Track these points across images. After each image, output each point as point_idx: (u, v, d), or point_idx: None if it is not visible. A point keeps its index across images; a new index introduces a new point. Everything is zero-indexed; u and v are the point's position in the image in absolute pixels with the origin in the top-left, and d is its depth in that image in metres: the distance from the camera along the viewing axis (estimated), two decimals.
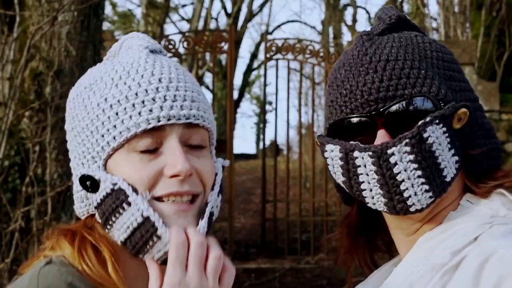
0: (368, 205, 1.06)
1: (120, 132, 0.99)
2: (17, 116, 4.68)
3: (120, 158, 1.01)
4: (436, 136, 0.99)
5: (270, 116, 42.11)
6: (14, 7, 4.53)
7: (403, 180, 0.99)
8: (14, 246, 4.39)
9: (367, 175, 1.02)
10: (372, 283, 1.19)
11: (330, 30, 18.37)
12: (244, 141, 60.56)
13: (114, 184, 0.99)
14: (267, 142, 15.47)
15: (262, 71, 18.75)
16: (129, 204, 0.98)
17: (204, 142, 1.06)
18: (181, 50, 7.82)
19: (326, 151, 1.08)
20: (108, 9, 19.67)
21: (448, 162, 1.01)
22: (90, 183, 1.01)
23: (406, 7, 14.59)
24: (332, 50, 9.54)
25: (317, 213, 8.96)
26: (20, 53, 4.67)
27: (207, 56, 14.99)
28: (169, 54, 7.78)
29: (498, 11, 8.14)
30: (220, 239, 8.63)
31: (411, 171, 0.99)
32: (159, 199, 1.00)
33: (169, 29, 39.75)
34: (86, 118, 1.03)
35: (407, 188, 1.00)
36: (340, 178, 1.08)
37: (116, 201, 0.99)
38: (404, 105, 1.01)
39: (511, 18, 8.14)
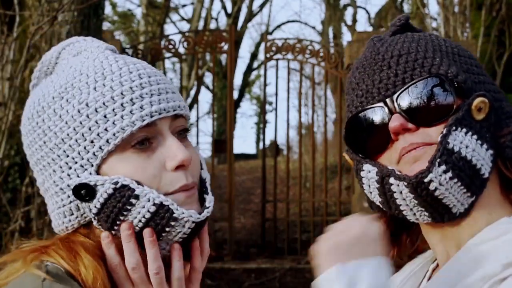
0: (410, 220, 1.05)
1: (114, 134, 0.98)
2: (17, 116, 4.67)
3: (116, 161, 0.99)
4: (459, 141, 0.97)
5: (270, 116, 42.08)
6: (14, 7, 4.53)
7: (445, 197, 0.99)
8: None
9: (404, 199, 1.01)
10: (408, 280, 1.16)
11: (330, 30, 18.37)
12: (244, 141, 60.56)
13: (116, 183, 0.97)
14: (267, 142, 15.46)
15: (262, 71, 18.74)
16: (136, 197, 0.97)
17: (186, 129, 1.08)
18: (181, 50, 7.83)
19: (363, 170, 1.06)
20: (108, 9, 19.68)
21: (484, 159, 0.99)
22: (85, 192, 0.98)
23: (406, 7, 14.59)
24: (332, 50, 9.54)
25: (317, 213, 8.95)
26: (20, 53, 4.67)
27: (207, 56, 14.99)
28: (169, 54, 7.82)
29: (498, 11, 8.14)
30: (220, 239, 8.66)
31: (452, 187, 0.98)
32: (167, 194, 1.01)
33: (169, 29, 39.71)
34: (65, 128, 1.00)
35: (450, 200, 0.99)
36: (376, 198, 1.07)
37: (122, 199, 0.97)
38: (416, 87, 1.00)
39: (511, 18, 8.14)
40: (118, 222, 0.99)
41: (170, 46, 7.68)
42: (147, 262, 1.00)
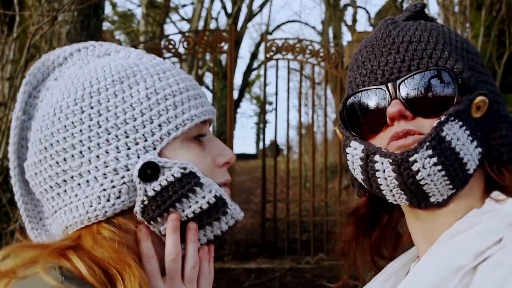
0: (389, 201, 1.06)
1: (183, 121, 1.02)
2: None
3: (178, 148, 1.03)
4: (453, 132, 0.98)
5: (270, 116, 42.17)
6: (14, 7, 4.53)
7: (426, 183, 0.99)
8: None
9: (385, 179, 1.01)
10: (389, 279, 1.16)
11: (330, 30, 18.38)
12: (244, 141, 60.62)
13: (184, 169, 1.00)
14: (267, 142, 15.47)
15: (262, 71, 18.76)
16: (201, 186, 1.00)
17: None
18: (181, 50, 7.84)
19: (349, 147, 1.07)
20: (108, 9, 19.69)
21: (471, 155, 1.00)
22: (150, 172, 0.98)
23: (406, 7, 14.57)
24: (332, 50, 9.55)
25: (317, 213, 8.96)
26: (20, 53, 4.67)
27: (207, 56, 15.00)
28: (169, 54, 7.82)
29: (498, 11, 8.13)
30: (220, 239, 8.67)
31: (435, 174, 0.98)
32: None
33: (169, 29, 39.76)
34: (129, 110, 1.01)
35: (430, 189, 1.00)
36: (359, 176, 1.07)
37: (186, 185, 0.99)
38: (420, 76, 1.01)
39: (511, 18, 8.13)
40: (171, 209, 0.99)
41: (170, 46, 7.68)
42: (186, 256, 1.01)
